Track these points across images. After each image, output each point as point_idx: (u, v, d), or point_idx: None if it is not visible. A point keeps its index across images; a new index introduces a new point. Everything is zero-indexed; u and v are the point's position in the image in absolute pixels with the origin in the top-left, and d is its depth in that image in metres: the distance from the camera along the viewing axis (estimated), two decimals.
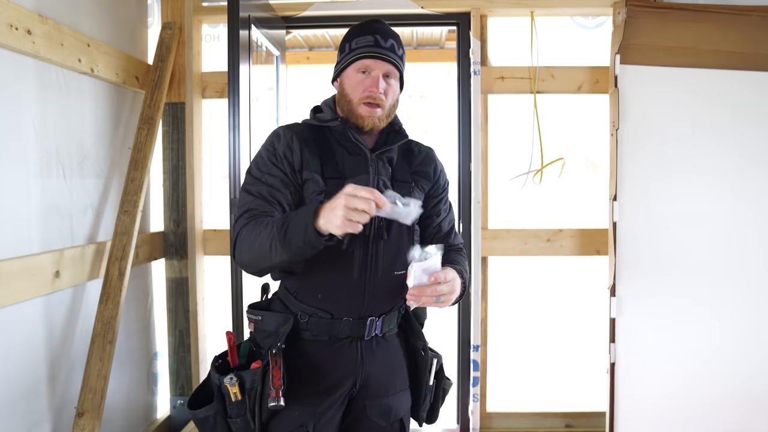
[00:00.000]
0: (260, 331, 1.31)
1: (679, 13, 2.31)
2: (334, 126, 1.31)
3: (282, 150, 1.26)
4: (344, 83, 1.31)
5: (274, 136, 1.30)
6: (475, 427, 2.50)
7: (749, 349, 2.31)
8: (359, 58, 1.28)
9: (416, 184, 1.37)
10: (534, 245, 2.52)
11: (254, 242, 1.16)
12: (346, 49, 1.31)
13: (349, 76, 1.29)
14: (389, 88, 1.30)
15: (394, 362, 1.37)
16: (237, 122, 2.13)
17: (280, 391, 1.19)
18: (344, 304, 1.27)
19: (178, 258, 2.51)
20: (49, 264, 1.77)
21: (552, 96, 2.51)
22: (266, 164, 1.26)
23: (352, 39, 1.31)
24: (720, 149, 2.32)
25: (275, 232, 1.11)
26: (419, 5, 2.49)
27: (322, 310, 1.27)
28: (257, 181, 1.26)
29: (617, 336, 2.29)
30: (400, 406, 1.37)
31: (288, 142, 1.27)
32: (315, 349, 1.28)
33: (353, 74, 1.29)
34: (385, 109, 1.29)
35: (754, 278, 2.31)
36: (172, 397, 2.56)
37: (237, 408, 1.24)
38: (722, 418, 2.30)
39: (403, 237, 1.29)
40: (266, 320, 1.30)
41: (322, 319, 1.27)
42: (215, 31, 2.71)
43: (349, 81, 1.29)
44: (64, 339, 1.89)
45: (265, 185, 1.24)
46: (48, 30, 1.76)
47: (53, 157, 1.85)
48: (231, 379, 1.22)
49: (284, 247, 1.10)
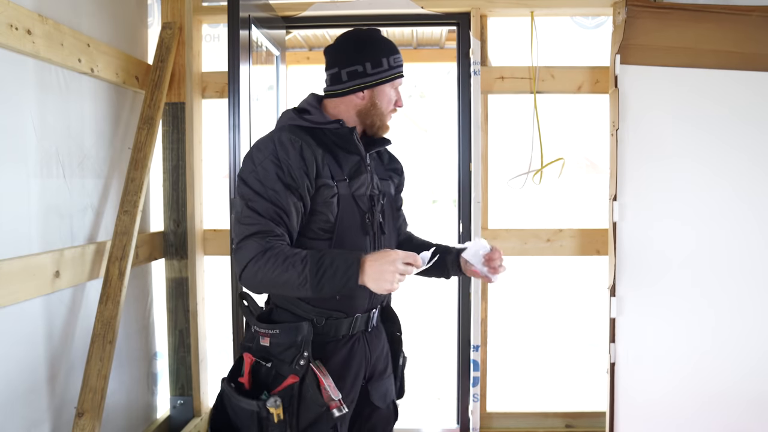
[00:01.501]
0: (278, 345, 1.29)
1: (679, 13, 2.31)
2: (333, 128, 1.33)
3: (293, 162, 1.24)
4: (378, 96, 1.36)
5: (277, 145, 1.25)
6: (475, 427, 2.50)
7: (750, 349, 2.31)
8: (399, 76, 1.37)
9: (391, 179, 1.51)
10: (534, 245, 2.52)
11: (279, 276, 1.17)
12: (385, 65, 1.34)
13: (387, 92, 1.36)
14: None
15: (384, 348, 1.48)
16: (237, 122, 2.13)
17: (341, 399, 1.25)
18: (358, 301, 1.34)
19: (178, 258, 2.51)
20: (49, 264, 1.77)
21: (552, 96, 2.51)
22: (270, 179, 1.23)
23: (389, 56, 1.35)
24: (721, 149, 2.32)
25: (308, 275, 1.14)
26: (419, 5, 2.49)
27: (338, 311, 1.32)
28: (260, 197, 1.22)
29: (617, 336, 2.29)
30: (390, 388, 1.49)
31: (300, 152, 1.25)
32: (333, 350, 1.33)
33: (390, 90, 1.37)
34: None
35: (755, 278, 2.31)
36: (172, 397, 2.55)
37: (279, 428, 1.23)
38: (722, 417, 2.30)
39: (393, 232, 1.46)
40: (285, 332, 1.28)
41: (337, 319, 1.33)
42: (215, 31, 2.71)
43: (383, 96, 1.36)
44: (64, 339, 1.89)
45: (270, 204, 1.22)
46: (48, 30, 1.76)
47: (53, 157, 1.85)
48: (275, 402, 1.22)
49: (315, 290, 1.15)
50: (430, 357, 4.06)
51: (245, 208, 1.23)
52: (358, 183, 1.34)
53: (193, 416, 2.54)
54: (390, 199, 1.46)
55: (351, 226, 1.31)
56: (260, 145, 1.28)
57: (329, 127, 1.33)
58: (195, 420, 2.52)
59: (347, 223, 1.30)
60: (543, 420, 2.60)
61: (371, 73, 1.33)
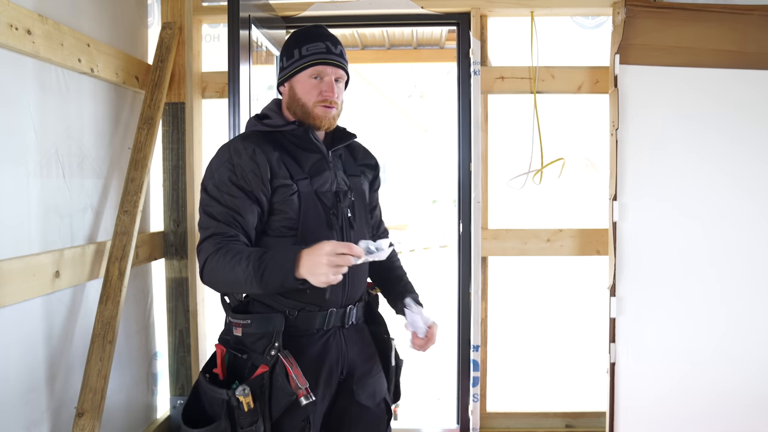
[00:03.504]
0: (249, 334, 1.33)
1: (679, 12, 2.31)
2: (290, 129, 1.37)
3: (246, 165, 1.30)
4: (296, 88, 1.38)
5: (232, 152, 1.32)
6: (475, 427, 2.50)
7: (750, 349, 2.31)
8: (313, 64, 1.35)
9: (363, 175, 1.51)
10: (534, 245, 2.52)
11: (228, 274, 1.22)
12: (296, 55, 1.37)
13: (302, 81, 1.36)
14: (339, 91, 1.39)
15: (368, 348, 1.49)
16: (237, 122, 2.13)
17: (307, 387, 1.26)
18: (331, 294, 1.34)
19: (178, 258, 2.51)
20: (49, 264, 1.77)
21: (552, 96, 2.51)
22: (225, 183, 1.30)
23: (302, 45, 1.37)
24: (723, 147, 2.32)
25: (251, 271, 1.19)
26: (419, 5, 2.49)
27: (310, 303, 1.35)
28: (216, 202, 1.29)
29: (617, 336, 2.29)
30: (381, 388, 1.49)
31: (251, 156, 1.31)
32: (307, 343, 1.35)
33: (306, 79, 1.36)
34: (339, 109, 1.40)
35: (756, 277, 2.31)
36: (172, 397, 2.55)
37: (249, 417, 1.26)
38: (723, 417, 2.30)
39: (364, 228, 1.45)
40: (256, 323, 1.33)
41: (310, 312, 1.35)
42: (215, 31, 2.71)
43: (302, 86, 1.36)
44: (63, 339, 1.89)
45: (224, 208, 1.29)
46: (48, 30, 1.76)
47: (53, 157, 1.85)
48: (244, 390, 1.25)
49: (260, 285, 1.19)
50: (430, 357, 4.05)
51: (203, 213, 1.31)
52: (320, 180, 1.37)
53: None
54: (361, 195, 1.47)
55: (315, 223, 1.34)
56: (218, 153, 1.35)
57: (286, 129, 1.38)
58: None
59: (311, 220, 1.34)
60: (543, 420, 2.60)
61: (285, 66, 1.39)
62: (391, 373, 1.55)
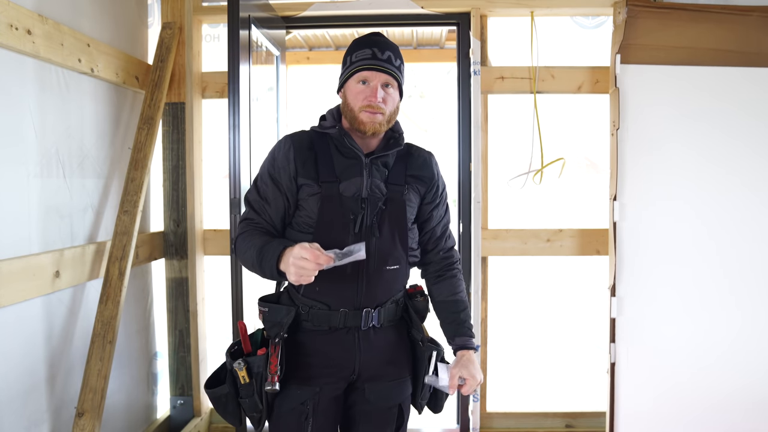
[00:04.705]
0: (267, 321, 1.44)
1: (680, 12, 2.31)
2: (332, 133, 1.43)
3: (280, 160, 1.41)
4: (347, 93, 1.42)
5: (277, 146, 1.44)
6: (475, 427, 2.50)
7: (751, 349, 2.31)
8: (359, 70, 1.38)
9: (410, 186, 1.47)
10: (534, 245, 2.52)
11: (246, 257, 1.37)
12: (347, 62, 1.42)
13: (351, 87, 1.40)
14: (388, 97, 1.39)
15: (392, 351, 1.48)
16: (237, 122, 2.13)
17: (276, 376, 1.33)
18: (339, 296, 1.39)
19: (178, 258, 2.51)
20: (49, 264, 1.77)
21: (552, 96, 2.51)
22: (264, 174, 1.43)
23: (352, 53, 1.42)
24: (724, 145, 2.31)
25: (254, 259, 1.32)
26: (419, 5, 2.49)
27: (320, 302, 1.40)
28: (255, 189, 1.44)
29: (617, 336, 2.29)
30: (399, 393, 1.49)
31: (286, 153, 1.41)
32: (315, 338, 1.42)
33: (354, 85, 1.40)
34: (386, 115, 1.39)
35: (757, 277, 2.31)
36: (172, 397, 2.55)
37: (246, 389, 1.39)
38: (723, 418, 2.30)
39: (395, 237, 1.42)
40: (272, 312, 1.43)
41: (320, 310, 1.41)
42: (215, 31, 2.71)
43: (350, 91, 1.40)
44: (63, 339, 1.89)
45: (259, 195, 1.42)
46: (48, 30, 1.76)
47: (53, 157, 1.85)
48: (239, 364, 1.37)
49: (261, 271, 1.32)
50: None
51: (245, 198, 1.45)
52: (348, 185, 1.39)
53: (193, 416, 2.54)
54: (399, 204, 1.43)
55: (331, 225, 1.38)
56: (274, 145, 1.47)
57: (330, 131, 1.43)
58: (195, 420, 2.53)
59: (328, 221, 1.38)
60: (543, 420, 2.60)
61: (342, 73, 1.44)
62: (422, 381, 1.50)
